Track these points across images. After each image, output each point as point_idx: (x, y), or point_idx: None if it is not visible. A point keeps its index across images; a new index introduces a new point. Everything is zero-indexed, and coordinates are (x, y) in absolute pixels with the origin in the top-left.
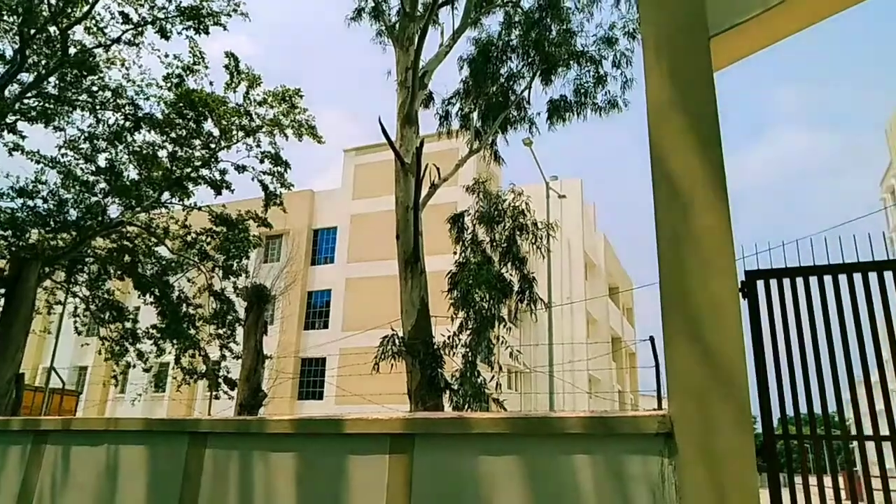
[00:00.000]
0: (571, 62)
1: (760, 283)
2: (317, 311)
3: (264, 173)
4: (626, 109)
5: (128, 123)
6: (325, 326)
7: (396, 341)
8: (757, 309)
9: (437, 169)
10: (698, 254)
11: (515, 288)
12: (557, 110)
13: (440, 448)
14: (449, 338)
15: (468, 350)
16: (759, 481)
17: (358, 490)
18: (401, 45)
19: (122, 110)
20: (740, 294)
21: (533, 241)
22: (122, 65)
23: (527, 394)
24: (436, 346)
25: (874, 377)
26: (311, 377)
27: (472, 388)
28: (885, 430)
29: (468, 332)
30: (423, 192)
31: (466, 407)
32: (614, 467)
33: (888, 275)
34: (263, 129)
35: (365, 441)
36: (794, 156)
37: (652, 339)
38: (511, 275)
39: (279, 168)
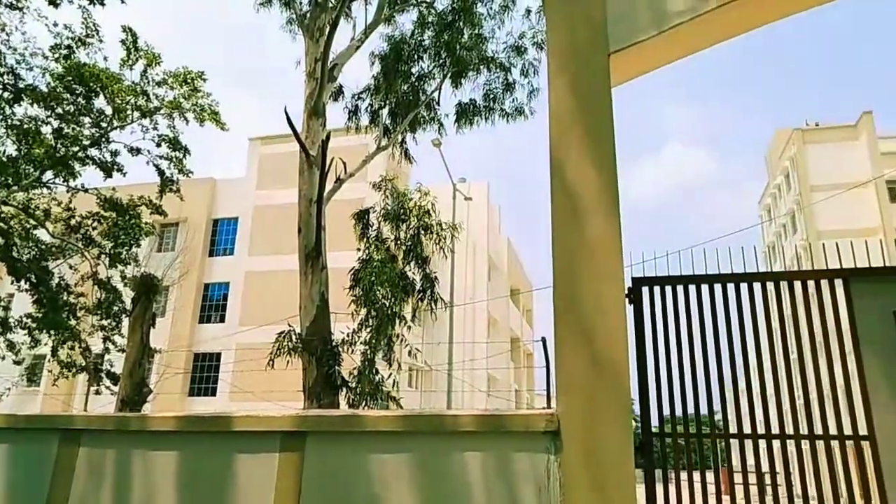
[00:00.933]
0: (482, 67)
1: (645, 290)
2: (213, 305)
3: (161, 157)
4: (532, 117)
5: (6, 94)
6: (222, 320)
7: (293, 337)
8: (641, 314)
9: (344, 164)
10: (590, 260)
11: (418, 287)
12: (466, 114)
13: (333, 446)
14: (348, 335)
15: (367, 348)
16: (637, 477)
17: (245, 490)
18: (311, 35)
19: (1, 79)
20: (627, 299)
21: (437, 241)
22: (2, 30)
23: (427, 392)
24: (334, 344)
25: (751, 380)
26: (204, 373)
27: (370, 386)
28: (766, 430)
29: (369, 329)
30: (329, 186)
31: (363, 405)
32: (504, 465)
33: (757, 286)
34: (162, 111)
35: (255, 439)
36: (685, 171)
37: (544, 339)
38: (414, 273)
39: (177, 153)
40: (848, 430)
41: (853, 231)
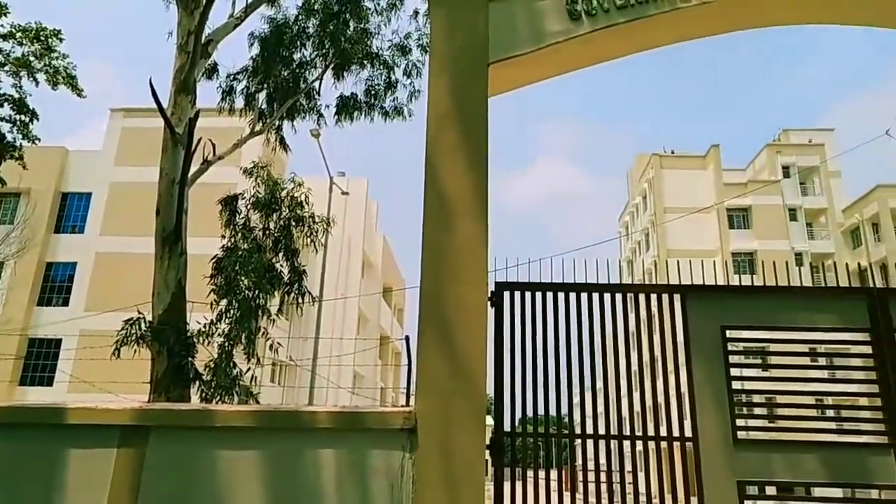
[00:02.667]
0: (366, 62)
1: (507, 294)
2: (56, 286)
3: (1, 119)
4: (412, 119)
5: None
6: (65, 304)
7: (143, 325)
8: (502, 317)
9: (213, 145)
10: (456, 262)
11: (285, 279)
12: (346, 107)
13: (179, 442)
14: (206, 326)
15: (226, 340)
16: (489, 474)
17: (75, 488)
18: (185, 5)
19: None
20: (489, 303)
21: (309, 233)
22: None
23: (290, 388)
24: (189, 334)
25: (596, 384)
26: (40, 360)
27: (226, 380)
28: (606, 431)
29: (229, 321)
30: (195, 167)
31: (217, 399)
32: (358, 462)
33: (608, 296)
34: (6, 69)
35: (90, 433)
36: (556, 184)
37: (407, 338)
38: (282, 265)
39: (23, 116)
40: (682, 433)
41: (697, 252)
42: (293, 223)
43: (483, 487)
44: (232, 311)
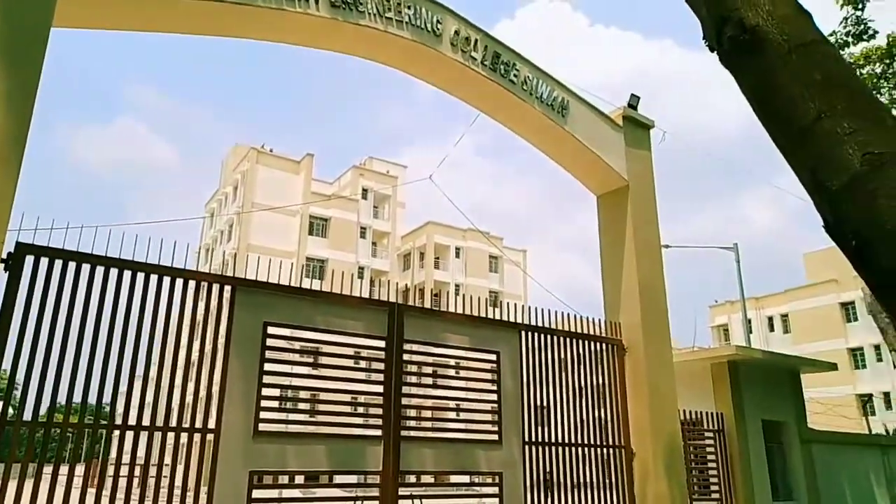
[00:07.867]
0: None
1: (31, 259)
2: None
3: None
4: None
5: None
6: None
7: None
8: (18, 284)
9: None
10: None
11: None
12: None
13: None
14: None
15: None
16: None
17: None
18: None
19: None
20: (2, 265)
21: None
22: None
23: None
24: None
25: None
26: None
27: None
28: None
29: None
30: None
31: None
32: None
33: (154, 277)
34: None
35: None
36: (138, 152)
37: None
38: None
39: None
40: (206, 425)
41: (278, 251)
42: None
43: None
44: None
